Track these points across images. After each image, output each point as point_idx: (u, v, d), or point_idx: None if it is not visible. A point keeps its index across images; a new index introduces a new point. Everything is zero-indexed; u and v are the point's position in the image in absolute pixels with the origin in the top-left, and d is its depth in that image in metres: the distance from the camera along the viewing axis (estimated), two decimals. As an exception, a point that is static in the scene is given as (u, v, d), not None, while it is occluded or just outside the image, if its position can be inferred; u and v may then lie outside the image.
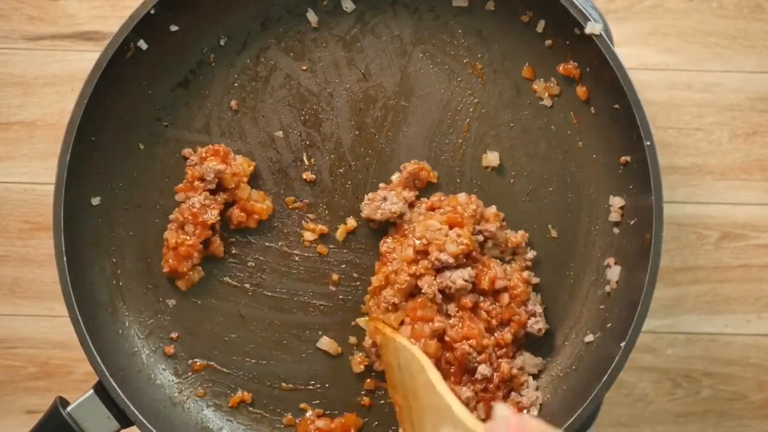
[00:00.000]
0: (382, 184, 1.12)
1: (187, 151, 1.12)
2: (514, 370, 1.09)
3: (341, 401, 1.14)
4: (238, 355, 1.14)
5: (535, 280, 1.11)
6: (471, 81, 1.12)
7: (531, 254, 1.11)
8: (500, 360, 1.08)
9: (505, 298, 1.09)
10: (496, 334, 1.08)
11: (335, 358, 1.14)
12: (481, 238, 1.10)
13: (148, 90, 1.11)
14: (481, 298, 1.08)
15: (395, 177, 1.12)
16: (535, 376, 1.11)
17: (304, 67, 1.13)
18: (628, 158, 1.06)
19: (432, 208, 1.11)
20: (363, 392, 1.13)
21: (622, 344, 1.01)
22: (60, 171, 1.05)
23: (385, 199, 1.11)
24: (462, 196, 1.10)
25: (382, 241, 1.11)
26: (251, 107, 1.13)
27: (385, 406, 1.13)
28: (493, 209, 1.11)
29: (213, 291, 1.14)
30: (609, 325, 1.07)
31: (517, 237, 1.11)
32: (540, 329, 1.10)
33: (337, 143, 1.13)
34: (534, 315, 1.10)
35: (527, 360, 1.10)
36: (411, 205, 1.11)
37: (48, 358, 1.31)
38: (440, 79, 1.12)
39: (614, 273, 1.08)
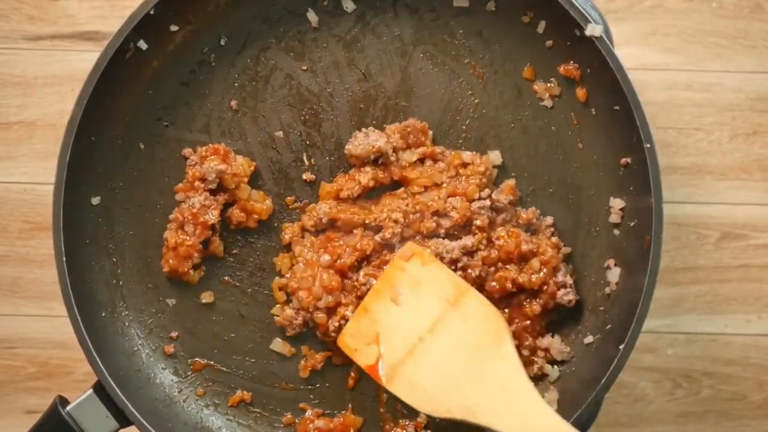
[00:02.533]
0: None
1: (187, 151, 1.12)
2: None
3: (341, 401, 1.14)
4: (238, 355, 1.14)
5: (566, 249, 1.11)
6: (471, 81, 1.12)
7: (549, 219, 1.11)
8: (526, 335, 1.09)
9: (535, 263, 1.08)
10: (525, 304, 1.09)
11: (335, 358, 1.14)
12: (488, 203, 1.09)
13: (148, 90, 1.11)
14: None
15: (393, 125, 1.12)
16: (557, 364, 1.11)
17: (305, 67, 1.13)
18: (629, 160, 1.06)
19: (431, 158, 1.10)
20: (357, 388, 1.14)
21: (622, 346, 1.01)
22: (60, 171, 1.05)
23: (367, 135, 1.10)
24: (466, 154, 1.10)
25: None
26: (251, 107, 1.13)
27: (384, 405, 1.13)
28: (512, 181, 1.11)
29: (213, 291, 1.14)
30: (609, 326, 1.07)
31: (528, 213, 1.10)
32: (570, 300, 1.09)
33: (337, 143, 1.13)
34: (564, 286, 1.09)
35: (554, 343, 1.10)
36: (396, 150, 1.10)
37: (48, 358, 1.31)
38: (441, 80, 1.12)
39: (614, 274, 1.08)
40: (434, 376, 0.96)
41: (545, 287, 1.08)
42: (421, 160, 1.11)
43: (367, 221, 1.08)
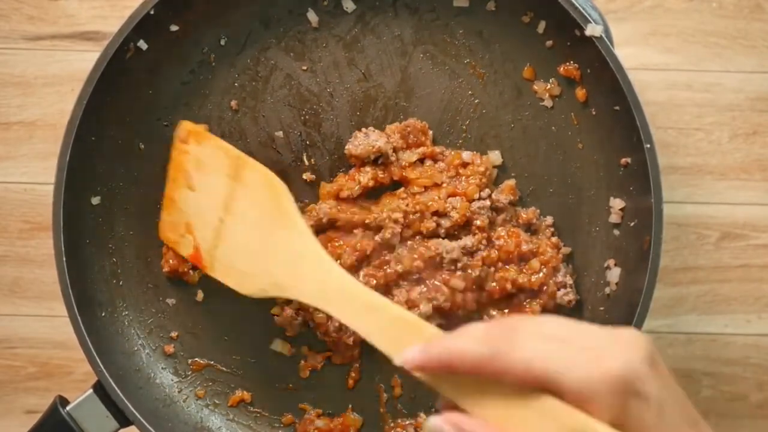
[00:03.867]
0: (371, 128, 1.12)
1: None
2: None
3: (341, 401, 1.14)
4: (238, 355, 1.14)
5: (566, 249, 1.11)
6: (471, 81, 1.12)
7: (549, 219, 1.11)
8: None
9: (535, 264, 1.08)
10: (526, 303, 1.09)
11: (335, 358, 1.14)
12: (488, 203, 1.09)
13: (148, 90, 1.11)
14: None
15: (393, 124, 1.12)
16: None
17: (305, 67, 1.13)
18: (629, 160, 1.06)
19: (431, 158, 1.10)
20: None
21: (622, 346, 1.01)
22: (60, 171, 1.05)
23: (367, 135, 1.10)
24: (466, 154, 1.10)
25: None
26: (251, 107, 1.13)
27: (378, 405, 1.13)
28: (512, 181, 1.11)
29: (213, 290, 1.14)
30: (609, 326, 1.07)
31: (528, 213, 1.10)
32: (570, 300, 1.09)
33: (337, 143, 1.13)
34: (564, 286, 1.09)
35: None
36: (396, 150, 1.10)
37: (48, 358, 1.31)
38: (441, 80, 1.12)
39: (614, 274, 1.08)
40: (242, 256, 0.94)
41: (545, 287, 1.08)
42: (421, 160, 1.11)
43: (367, 221, 1.08)
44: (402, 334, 0.79)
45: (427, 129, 1.11)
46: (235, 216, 0.94)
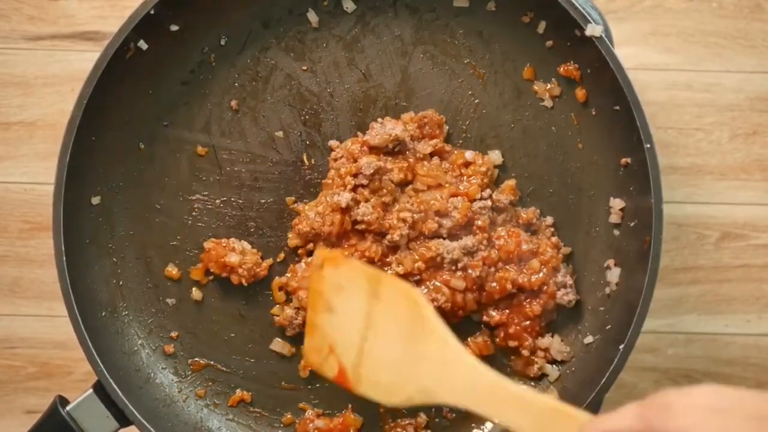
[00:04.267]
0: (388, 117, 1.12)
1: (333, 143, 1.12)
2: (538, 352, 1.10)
3: (341, 401, 1.14)
4: (238, 355, 1.14)
5: (566, 249, 1.11)
6: (472, 82, 1.12)
7: (549, 220, 1.11)
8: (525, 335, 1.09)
9: (535, 264, 1.08)
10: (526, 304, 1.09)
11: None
12: (489, 203, 1.09)
13: (148, 90, 1.11)
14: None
15: (408, 114, 1.12)
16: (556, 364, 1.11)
17: (305, 67, 1.13)
18: (629, 160, 1.06)
19: (440, 154, 1.11)
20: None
21: (622, 346, 1.01)
22: (60, 171, 1.05)
23: (383, 125, 1.10)
24: (469, 153, 1.10)
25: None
26: (251, 107, 1.13)
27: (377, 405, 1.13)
28: (512, 181, 1.11)
29: (213, 290, 1.14)
30: (608, 327, 1.07)
31: (528, 213, 1.10)
32: (570, 300, 1.09)
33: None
34: (564, 286, 1.09)
35: (554, 343, 1.10)
36: (413, 138, 1.10)
37: (48, 358, 1.31)
38: (441, 80, 1.12)
39: (614, 275, 1.08)
40: (386, 369, 0.95)
41: (545, 287, 1.08)
42: (431, 155, 1.11)
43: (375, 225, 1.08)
44: (557, 424, 0.80)
45: (443, 123, 1.11)
46: (376, 332, 0.95)
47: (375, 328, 0.96)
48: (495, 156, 1.11)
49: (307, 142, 1.13)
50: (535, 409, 0.82)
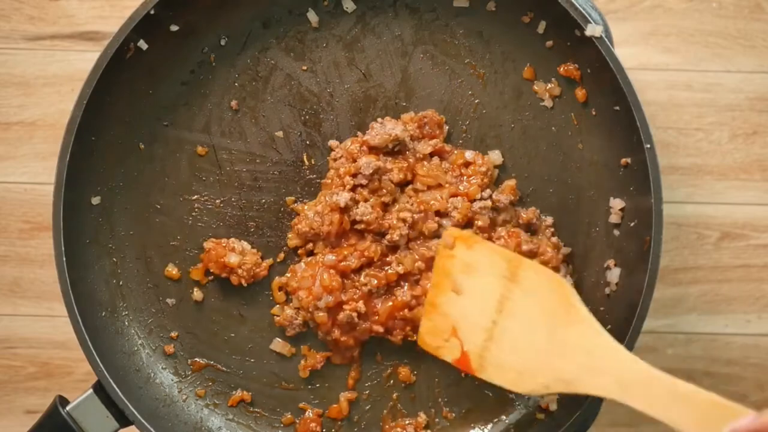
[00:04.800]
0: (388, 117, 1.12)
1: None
2: None
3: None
4: (238, 355, 1.14)
5: (566, 249, 1.11)
6: (472, 82, 1.12)
7: (549, 220, 1.11)
8: None
9: None
10: None
11: (335, 358, 1.14)
12: (489, 203, 1.09)
13: (148, 90, 1.11)
14: None
15: (408, 114, 1.12)
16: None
17: (305, 67, 1.13)
18: (629, 160, 1.06)
19: (440, 154, 1.11)
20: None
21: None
22: (60, 171, 1.05)
23: (383, 125, 1.10)
24: (469, 153, 1.10)
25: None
26: (251, 107, 1.13)
27: (378, 405, 1.13)
28: (512, 181, 1.11)
29: (213, 290, 1.14)
30: (609, 326, 1.07)
31: (528, 213, 1.10)
32: None
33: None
34: None
35: None
36: (413, 138, 1.10)
37: (48, 358, 1.31)
38: (441, 80, 1.12)
39: (614, 274, 1.08)
40: (520, 355, 0.93)
41: None
42: (431, 155, 1.11)
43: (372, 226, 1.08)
44: (713, 418, 0.80)
45: (443, 123, 1.11)
46: (510, 316, 0.94)
47: (510, 312, 0.94)
48: (495, 156, 1.11)
49: (307, 142, 1.13)
50: (695, 403, 0.81)
